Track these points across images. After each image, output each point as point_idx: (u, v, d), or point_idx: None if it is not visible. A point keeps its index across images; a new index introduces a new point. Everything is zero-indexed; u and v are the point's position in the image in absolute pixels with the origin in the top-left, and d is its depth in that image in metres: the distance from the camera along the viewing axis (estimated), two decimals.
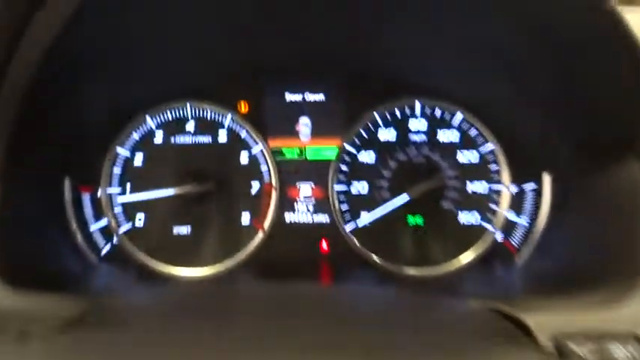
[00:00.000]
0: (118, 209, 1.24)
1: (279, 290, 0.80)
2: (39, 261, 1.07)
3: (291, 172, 1.25)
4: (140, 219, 1.24)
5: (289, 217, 1.26)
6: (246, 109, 1.25)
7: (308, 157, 1.26)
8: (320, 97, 1.25)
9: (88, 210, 1.25)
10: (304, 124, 1.26)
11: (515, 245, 1.22)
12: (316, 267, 1.22)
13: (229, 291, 0.90)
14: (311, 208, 1.26)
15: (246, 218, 1.24)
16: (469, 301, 0.85)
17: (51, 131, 1.05)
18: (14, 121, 0.91)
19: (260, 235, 1.24)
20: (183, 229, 1.24)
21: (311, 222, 1.26)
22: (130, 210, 1.24)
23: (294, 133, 1.26)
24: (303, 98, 1.26)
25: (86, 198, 1.25)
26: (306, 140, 1.26)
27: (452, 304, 0.83)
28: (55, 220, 1.19)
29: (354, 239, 1.22)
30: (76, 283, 1.11)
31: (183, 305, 0.75)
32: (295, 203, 1.26)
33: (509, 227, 1.21)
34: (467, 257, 1.21)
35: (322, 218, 1.26)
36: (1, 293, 0.92)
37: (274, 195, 1.24)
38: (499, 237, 1.21)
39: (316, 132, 1.25)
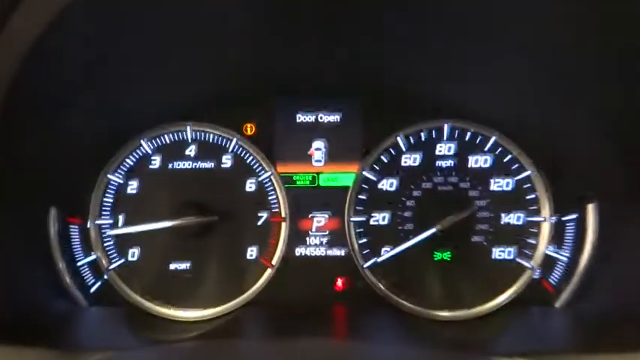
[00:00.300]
0: (109, 243, 1.11)
1: (287, 348, 0.68)
2: (19, 307, 0.94)
3: (303, 201, 1.12)
4: (134, 254, 1.12)
5: (300, 251, 1.13)
6: (253, 132, 1.13)
7: (321, 184, 1.13)
8: (335, 117, 1.13)
9: (76, 244, 1.12)
10: (317, 148, 1.13)
11: (554, 284, 1.09)
12: (330, 309, 1.09)
13: (231, 348, 0.77)
14: (325, 242, 1.13)
15: (252, 253, 1.11)
16: None
17: (32, 160, 0.93)
18: None
19: (268, 272, 1.11)
20: (182, 265, 1.11)
21: (325, 256, 1.12)
22: (122, 243, 1.12)
23: (306, 158, 1.13)
24: (317, 119, 1.13)
25: (75, 230, 1.11)
26: (319, 166, 1.13)
27: None
28: (40, 257, 1.06)
29: (374, 277, 1.09)
30: (60, 332, 0.97)
31: None
32: (307, 236, 1.13)
33: (547, 264, 1.08)
34: (500, 298, 1.07)
35: (338, 252, 1.13)
36: None
37: (284, 227, 1.11)
38: (536, 275, 1.08)
39: (331, 157, 1.13)
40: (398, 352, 0.74)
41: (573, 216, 1.08)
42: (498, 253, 1.08)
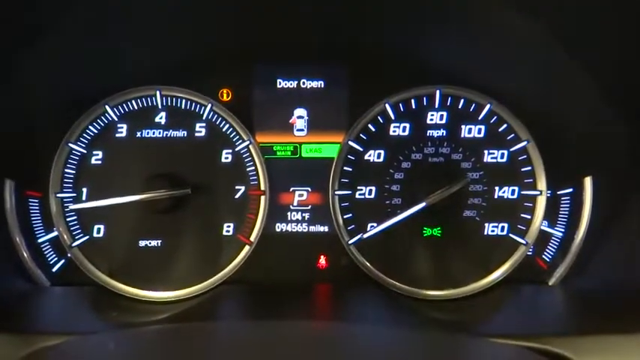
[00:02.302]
0: (71, 218, 1.02)
1: (266, 330, 0.64)
2: None
3: (284, 173, 1.04)
4: (99, 230, 1.03)
5: (281, 226, 1.06)
6: (230, 98, 1.04)
7: (303, 156, 1.05)
8: (319, 84, 1.05)
9: (36, 219, 1.02)
10: (299, 116, 1.05)
11: (548, 261, 1.04)
12: (312, 288, 1.02)
13: (205, 330, 0.70)
14: (307, 217, 1.06)
15: (229, 229, 1.03)
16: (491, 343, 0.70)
17: None
18: None
19: (246, 249, 1.03)
20: (152, 243, 1.03)
21: (307, 232, 1.05)
22: (86, 219, 1.03)
23: (287, 127, 1.05)
24: (299, 85, 1.05)
25: (34, 205, 1.02)
26: (301, 135, 1.05)
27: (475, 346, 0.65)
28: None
29: (359, 254, 1.02)
30: (19, 314, 0.89)
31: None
32: (288, 211, 1.06)
33: (540, 240, 1.03)
34: (493, 276, 1.02)
35: (321, 228, 1.05)
36: None
37: (263, 201, 1.03)
38: (530, 251, 1.02)
39: (314, 126, 1.05)
40: (383, 334, 0.68)
41: (569, 190, 1.02)
42: (491, 228, 1.02)
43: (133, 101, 1.03)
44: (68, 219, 1.03)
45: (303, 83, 1.06)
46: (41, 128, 1.00)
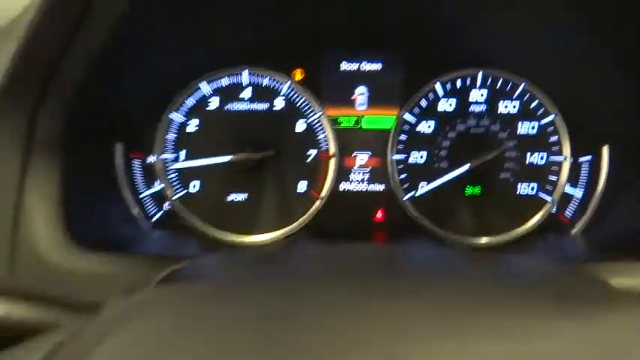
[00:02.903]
0: (172, 175, 1.22)
1: (346, 252, 0.77)
2: (100, 228, 1.06)
3: (348, 141, 1.24)
4: (195, 186, 1.23)
5: (344, 185, 1.25)
6: (302, 77, 1.23)
7: (364, 127, 1.25)
8: (378, 65, 1.24)
9: (138, 177, 1.23)
10: (360, 94, 1.24)
11: (569, 217, 1.23)
12: (371, 235, 1.22)
13: (297, 253, 0.86)
14: (367, 178, 1.25)
15: (302, 186, 1.23)
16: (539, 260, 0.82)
17: (103, 102, 1.03)
18: (71, 97, 0.90)
19: (317, 204, 1.23)
20: (239, 197, 1.23)
21: (366, 191, 1.25)
22: (184, 176, 1.23)
23: (350, 103, 1.25)
24: (360, 67, 1.24)
25: (136, 165, 1.22)
26: (362, 109, 1.25)
27: (527, 260, 0.79)
28: (109, 187, 1.18)
29: (412, 208, 1.22)
30: (132, 249, 1.09)
31: (259, 266, 0.72)
32: (351, 172, 1.25)
33: (564, 199, 1.22)
34: (523, 228, 1.21)
35: (378, 187, 1.25)
36: (76, 256, 0.91)
37: (332, 163, 1.22)
38: (554, 209, 1.22)
39: (373, 101, 1.24)
40: (445, 254, 0.84)
41: (589, 157, 1.21)
42: (523, 188, 1.21)
43: (223, 79, 1.23)
44: (169, 176, 1.23)
45: (364, 65, 1.25)
46: (147, 102, 1.20)
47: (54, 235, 0.92)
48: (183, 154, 1.23)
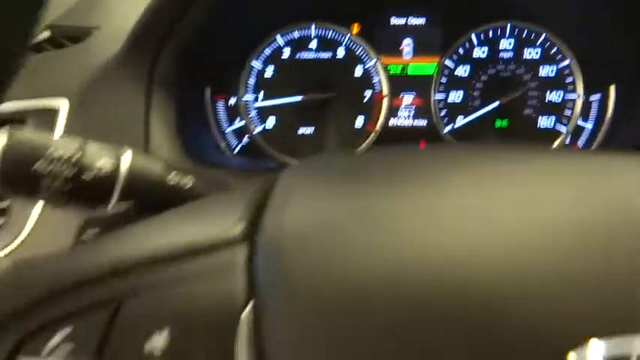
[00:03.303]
0: (252, 113, 1.48)
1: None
2: (203, 154, 1.32)
3: (396, 84, 1.49)
4: (271, 122, 1.49)
5: (393, 121, 1.51)
6: (359, 30, 1.48)
7: (409, 73, 1.50)
8: (422, 20, 1.49)
9: (222, 115, 1.49)
10: (407, 44, 1.49)
11: (581, 146, 1.49)
12: None
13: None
14: (412, 115, 1.51)
15: (359, 121, 1.49)
16: None
17: (199, 51, 1.29)
18: (190, 42, 1.16)
19: (371, 136, 1.49)
20: (307, 130, 1.49)
21: (412, 126, 1.51)
22: (262, 114, 1.49)
23: (398, 52, 1.50)
24: (406, 22, 1.49)
25: (220, 105, 1.49)
26: (408, 58, 1.50)
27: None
28: (203, 123, 1.44)
29: (451, 139, 1.48)
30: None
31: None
32: (399, 110, 1.51)
33: (577, 131, 1.48)
34: None
35: (421, 123, 1.51)
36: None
37: (385, 102, 1.48)
38: (568, 140, 1.48)
39: (417, 51, 1.50)
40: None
41: (598, 95, 1.47)
42: (542, 122, 1.47)
43: (294, 32, 1.49)
44: (250, 114, 1.49)
45: (410, 20, 1.50)
46: (233, 51, 1.46)
47: (177, 160, 1.19)
48: (261, 95, 1.48)
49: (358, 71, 1.48)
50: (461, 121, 1.47)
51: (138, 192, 0.70)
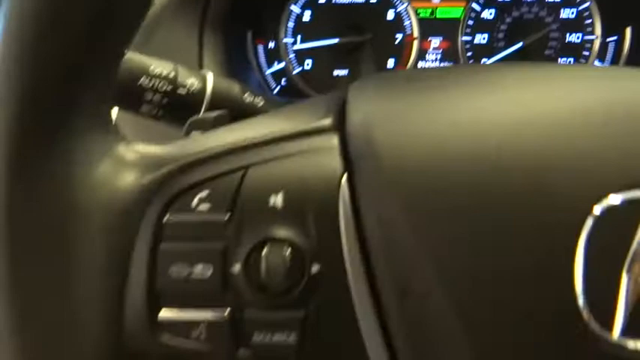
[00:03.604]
0: (291, 56, 1.60)
1: None
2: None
3: (425, 28, 1.60)
4: (308, 64, 1.60)
5: (421, 64, 1.62)
6: None
7: (437, 16, 1.60)
8: None
9: (262, 58, 1.60)
10: None
11: None
12: None
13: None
14: (439, 57, 1.62)
15: (390, 63, 1.60)
16: None
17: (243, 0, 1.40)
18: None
19: None
20: (342, 72, 1.60)
21: (439, 67, 1.62)
22: (300, 57, 1.60)
23: None
24: None
25: (260, 48, 1.60)
26: (436, 2, 1.60)
27: None
28: (246, 65, 1.56)
29: None
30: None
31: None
32: (427, 53, 1.62)
33: None
34: None
35: (448, 65, 1.62)
36: None
37: (415, 45, 1.59)
38: None
39: None
40: None
41: (615, 37, 1.56)
42: (562, 62, 1.58)
43: None
44: (289, 56, 1.61)
45: None
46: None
47: None
48: (299, 38, 1.59)
49: (390, 15, 1.58)
50: (486, 61, 1.57)
51: (220, 108, 0.83)
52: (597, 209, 0.46)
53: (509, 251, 0.47)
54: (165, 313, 0.54)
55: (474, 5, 1.58)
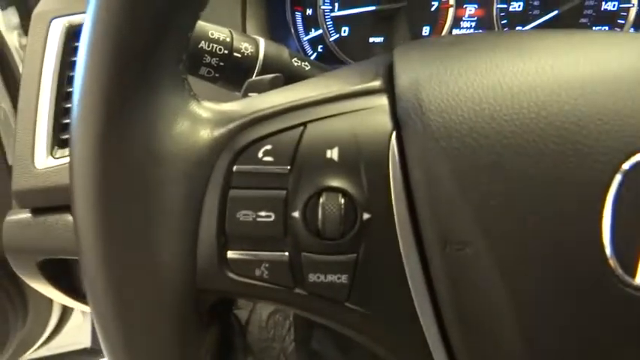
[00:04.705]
0: (328, 23, 1.64)
1: None
2: None
3: None
4: (345, 31, 1.64)
5: (455, 31, 1.65)
6: None
7: None
8: None
9: (299, 25, 1.65)
10: None
11: None
12: None
13: None
14: (473, 25, 1.64)
15: (426, 31, 1.63)
16: None
17: None
18: None
19: None
20: (377, 39, 1.64)
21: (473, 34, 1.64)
22: (337, 24, 1.64)
23: None
24: None
25: (298, 15, 1.64)
26: None
27: None
28: (285, 31, 1.61)
29: None
30: None
31: None
32: (461, 21, 1.64)
33: None
34: None
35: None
36: None
37: (450, 12, 1.62)
38: None
39: None
40: None
41: None
42: (597, 30, 1.59)
43: None
44: (327, 23, 1.65)
45: None
46: None
47: None
48: (337, 5, 1.63)
49: None
50: (521, 29, 1.59)
51: (271, 72, 0.88)
52: (626, 165, 0.51)
53: (543, 205, 0.53)
54: (232, 254, 0.61)
55: None
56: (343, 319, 0.62)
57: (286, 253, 0.59)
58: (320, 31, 1.64)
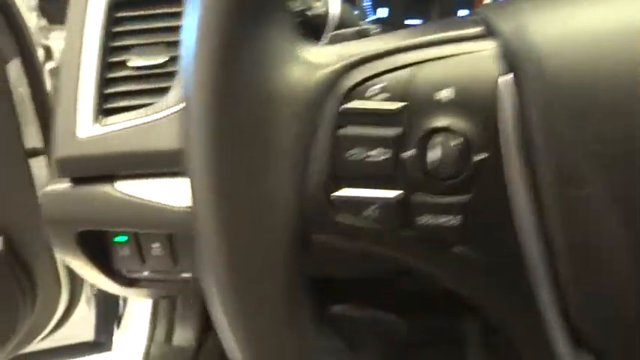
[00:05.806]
0: (365, 4, 1.64)
1: None
2: None
3: None
4: (382, 12, 1.64)
5: None
6: None
7: None
8: None
9: None
10: None
11: None
12: None
13: None
14: None
15: (463, 13, 1.63)
16: None
17: None
18: None
19: None
20: (414, 21, 1.64)
21: None
22: (375, 5, 1.64)
23: None
24: None
25: None
26: None
27: None
28: None
29: None
30: None
31: None
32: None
33: None
34: None
35: None
36: None
37: None
38: None
39: None
40: None
41: None
42: None
43: None
44: (363, 4, 1.65)
45: None
46: None
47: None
48: None
49: None
50: None
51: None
52: None
53: None
54: (341, 192, 0.60)
55: None
56: (448, 263, 0.61)
57: (397, 192, 0.58)
58: (357, 12, 1.64)
